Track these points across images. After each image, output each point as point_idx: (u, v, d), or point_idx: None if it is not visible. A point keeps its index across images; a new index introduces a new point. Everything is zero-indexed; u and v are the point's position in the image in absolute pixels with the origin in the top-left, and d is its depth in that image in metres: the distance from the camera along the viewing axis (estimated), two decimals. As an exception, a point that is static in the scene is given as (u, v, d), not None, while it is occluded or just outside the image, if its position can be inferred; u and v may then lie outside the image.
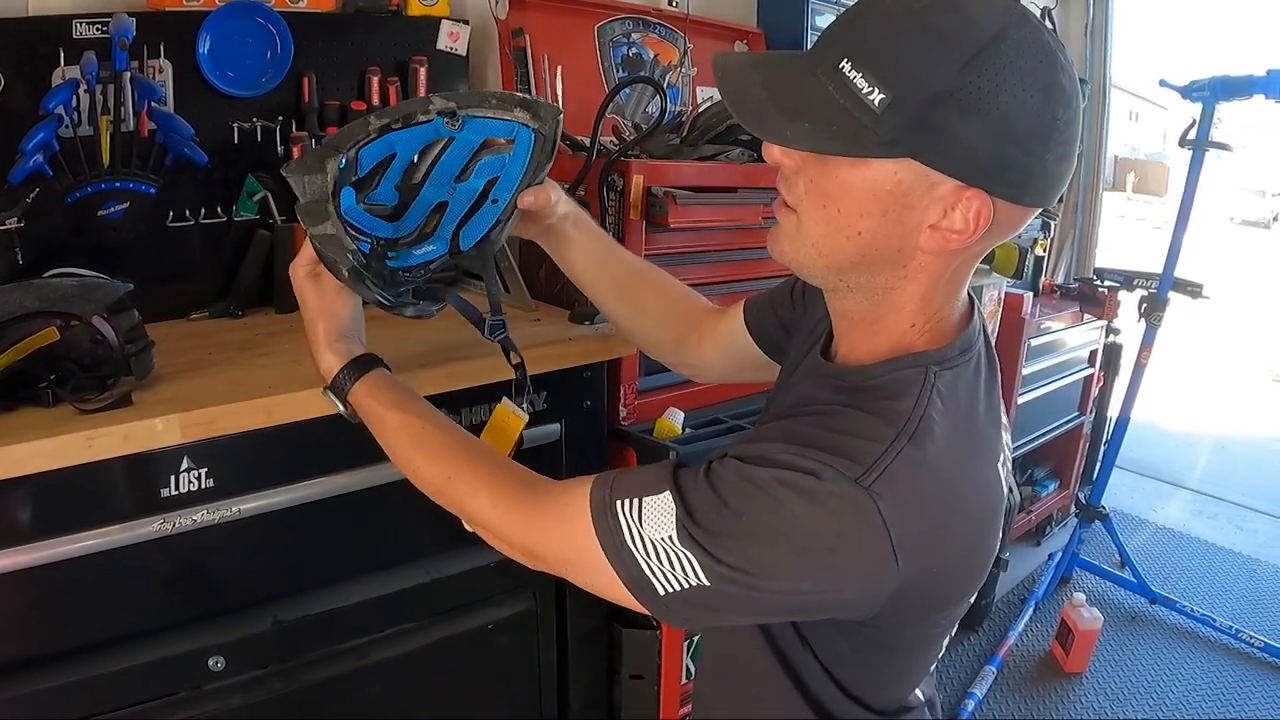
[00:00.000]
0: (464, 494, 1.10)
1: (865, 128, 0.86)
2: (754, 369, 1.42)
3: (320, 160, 1.24)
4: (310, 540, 1.57)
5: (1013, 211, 0.91)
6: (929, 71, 0.84)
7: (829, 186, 0.93)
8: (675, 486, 0.93)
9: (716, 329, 1.44)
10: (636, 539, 0.93)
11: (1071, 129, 0.88)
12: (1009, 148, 0.85)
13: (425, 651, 1.72)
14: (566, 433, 1.80)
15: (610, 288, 1.48)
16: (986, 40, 0.83)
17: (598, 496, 0.97)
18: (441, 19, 2.23)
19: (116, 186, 1.77)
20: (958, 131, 0.84)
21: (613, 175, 1.91)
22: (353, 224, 1.26)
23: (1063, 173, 0.91)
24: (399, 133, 1.31)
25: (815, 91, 0.89)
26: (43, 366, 1.33)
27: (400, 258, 1.32)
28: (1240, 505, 5.14)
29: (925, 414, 0.92)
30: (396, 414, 1.19)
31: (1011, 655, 3.40)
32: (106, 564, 1.36)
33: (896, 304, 0.99)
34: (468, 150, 1.33)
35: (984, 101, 0.83)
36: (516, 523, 1.06)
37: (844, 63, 0.88)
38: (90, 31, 1.76)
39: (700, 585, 0.90)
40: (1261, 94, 3.22)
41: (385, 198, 1.32)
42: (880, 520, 0.85)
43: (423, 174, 1.33)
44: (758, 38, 2.94)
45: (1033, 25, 0.85)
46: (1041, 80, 0.85)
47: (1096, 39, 4.72)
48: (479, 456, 1.14)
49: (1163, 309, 3.49)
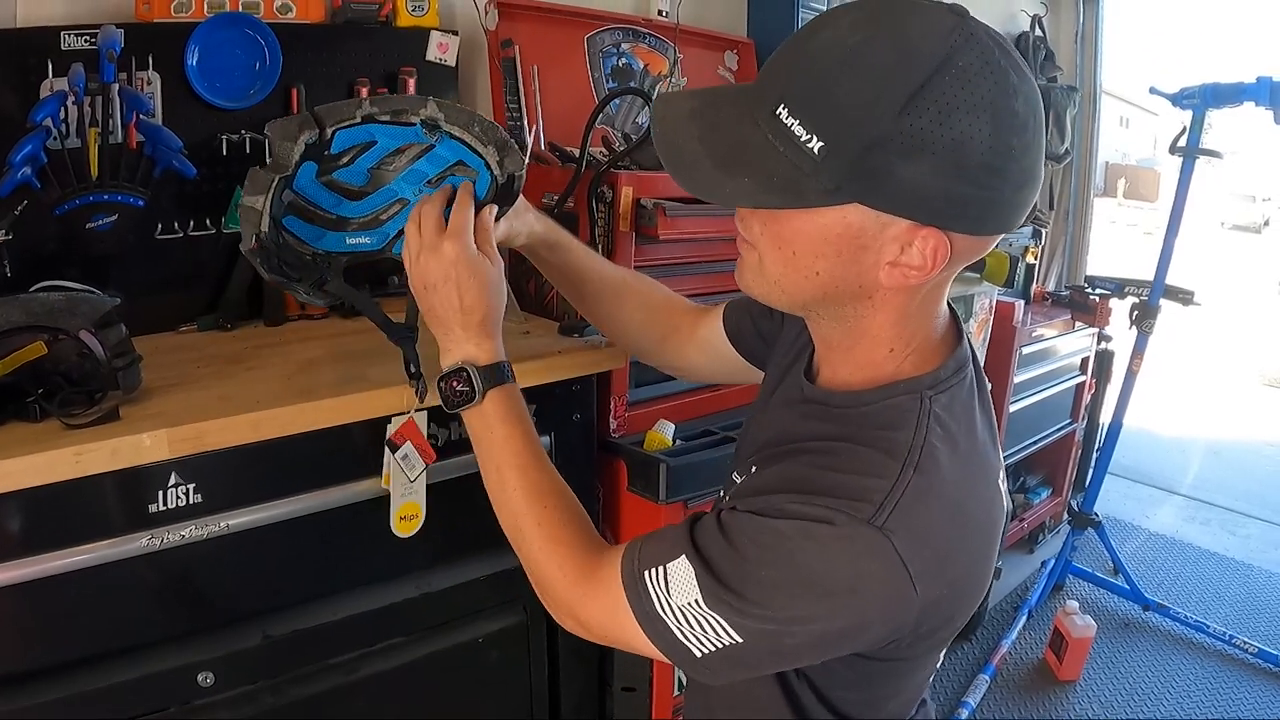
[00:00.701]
0: (541, 544, 1.11)
1: (806, 176, 0.84)
2: (737, 372, 1.43)
3: (299, 127, 1.30)
4: (299, 555, 1.56)
5: (974, 241, 0.90)
6: (866, 115, 0.81)
7: (781, 231, 0.92)
8: (694, 548, 0.94)
9: (697, 332, 1.45)
10: (666, 606, 0.94)
11: (1029, 156, 0.84)
12: (960, 184, 0.82)
13: (416, 666, 1.71)
14: (556, 445, 1.79)
15: (591, 298, 1.50)
16: (928, 73, 0.79)
17: (627, 568, 0.98)
18: (431, 30, 2.22)
19: (105, 199, 1.76)
20: (902, 174, 0.82)
21: (602, 187, 1.91)
22: (304, 197, 1.35)
23: (1024, 200, 0.88)
24: (381, 126, 1.35)
25: (754, 140, 0.87)
26: (30, 380, 1.32)
27: (330, 240, 1.38)
28: (1233, 510, 5.15)
29: (926, 442, 0.92)
30: (515, 440, 1.18)
31: (1005, 664, 3.40)
32: (95, 580, 1.35)
33: (869, 330, 0.98)
34: (442, 163, 1.37)
35: (928, 140, 0.80)
36: (571, 589, 1.06)
37: (780, 108, 0.85)
38: (78, 43, 1.75)
39: (735, 643, 0.91)
40: (1251, 101, 3.24)
41: (356, 178, 1.38)
42: (897, 556, 0.86)
43: (398, 166, 1.37)
44: (748, 47, 2.94)
45: (980, 45, 0.81)
46: (991, 109, 0.80)
47: (1087, 46, 4.74)
48: (565, 509, 1.14)
49: (1154, 316, 3.51)
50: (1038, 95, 0.85)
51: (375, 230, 1.39)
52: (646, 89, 2.51)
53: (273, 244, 1.31)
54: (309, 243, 1.38)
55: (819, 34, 0.86)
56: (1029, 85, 0.84)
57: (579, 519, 1.14)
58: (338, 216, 1.39)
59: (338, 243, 1.38)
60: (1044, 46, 4.41)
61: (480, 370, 1.19)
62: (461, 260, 1.20)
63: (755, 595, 0.89)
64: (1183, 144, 3.42)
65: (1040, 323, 3.76)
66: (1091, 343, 4.11)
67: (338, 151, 1.35)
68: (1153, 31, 38.81)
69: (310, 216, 1.38)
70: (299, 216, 1.37)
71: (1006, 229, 0.90)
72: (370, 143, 1.36)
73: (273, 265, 1.30)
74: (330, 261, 1.38)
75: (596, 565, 1.04)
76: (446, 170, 1.37)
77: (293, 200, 1.36)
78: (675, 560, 0.94)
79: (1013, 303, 3.48)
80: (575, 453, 1.86)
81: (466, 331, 1.21)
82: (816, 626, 0.90)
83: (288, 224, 1.36)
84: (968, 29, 0.81)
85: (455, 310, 1.21)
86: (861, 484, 0.89)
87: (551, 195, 1.97)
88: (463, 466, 1.53)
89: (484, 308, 1.21)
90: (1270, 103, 3.18)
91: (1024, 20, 4.38)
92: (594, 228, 1.91)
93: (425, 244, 1.21)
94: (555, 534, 1.10)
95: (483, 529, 1.26)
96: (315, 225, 1.38)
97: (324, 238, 1.38)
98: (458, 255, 1.20)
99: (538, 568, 1.10)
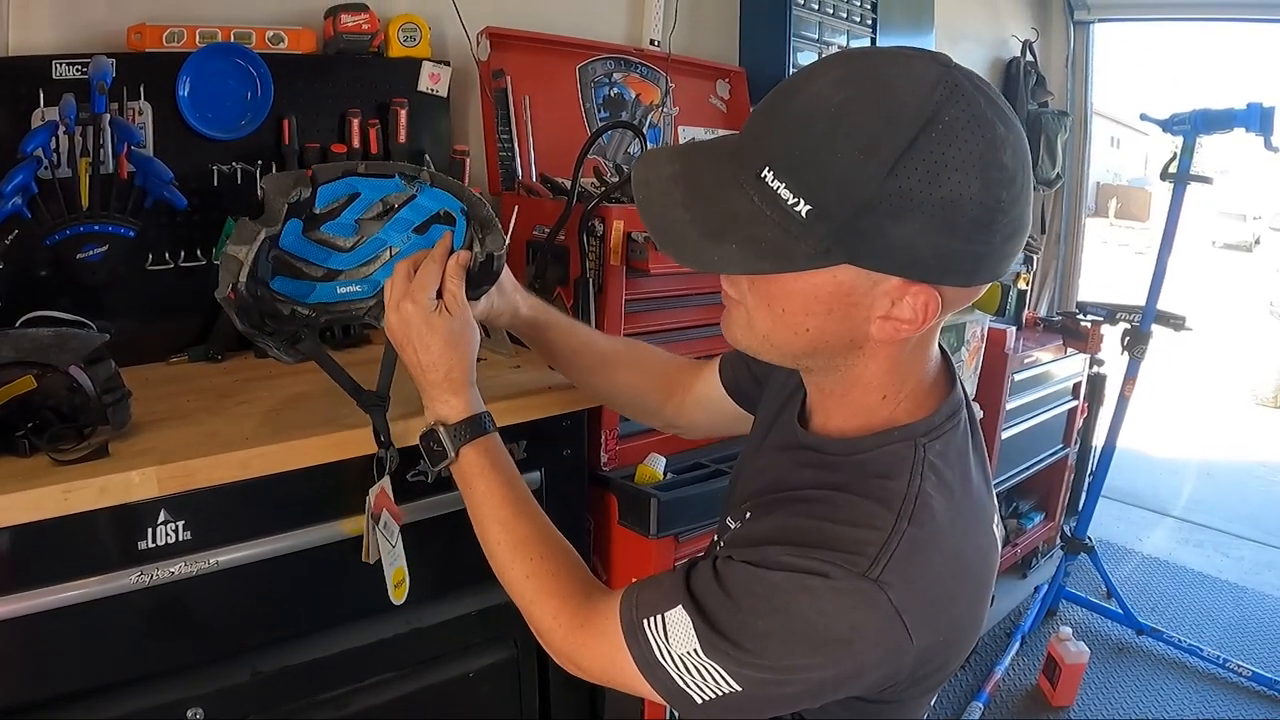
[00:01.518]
0: (532, 596, 1.11)
1: (795, 239, 0.84)
2: (738, 423, 1.42)
3: (294, 183, 1.32)
4: (289, 591, 1.55)
5: (964, 292, 0.90)
6: (854, 179, 0.80)
7: (770, 290, 0.92)
8: (690, 598, 0.94)
9: (695, 388, 1.45)
10: (666, 655, 0.94)
11: (1018, 206, 0.84)
12: (951, 241, 0.81)
13: (406, 701, 1.70)
14: (547, 480, 1.78)
15: (584, 371, 1.52)
16: (915, 132, 0.78)
17: (626, 616, 0.99)
18: (423, 60, 2.23)
19: (95, 229, 1.76)
20: (893, 234, 0.81)
21: (592, 221, 1.91)
22: (291, 254, 1.36)
23: (1013, 249, 0.87)
24: (362, 179, 1.37)
25: (740, 205, 0.86)
26: (19, 416, 1.31)
27: (320, 292, 1.40)
28: (1226, 532, 5.15)
29: (921, 490, 0.92)
30: (494, 495, 1.20)
31: (998, 690, 3.39)
32: (84, 616, 1.34)
33: (862, 379, 0.98)
34: (425, 212, 1.38)
35: (917, 200, 0.79)
36: (568, 637, 1.07)
37: (766, 171, 0.84)
38: (70, 72, 1.76)
39: (734, 691, 0.91)
40: (1242, 127, 3.25)
41: (344, 230, 1.39)
42: (892, 608, 0.86)
43: (385, 214, 1.39)
44: (739, 76, 2.95)
45: (965, 97, 0.80)
46: (980, 164, 0.79)
47: (1077, 70, 4.78)
48: (553, 558, 1.15)
49: (1145, 342, 3.51)
50: (1024, 143, 0.84)
51: (365, 279, 1.40)
52: (638, 119, 2.52)
53: (250, 295, 1.32)
54: (298, 299, 1.39)
55: (802, 92, 0.85)
56: (1016, 134, 0.83)
57: (570, 566, 1.14)
58: (328, 270, 1.40)
59: (329, 293, 1.40)
60: (1035, 71, 4.44)
61: (450, 429, 1.22)
62: (414, 321, 1.23)
63: (752, 645, 0.90)
64: (1174, 170, 3.43)
65: (1032, 349, 3.77)
66: (1083, 367, 4.13)
67: (322, 207, 1.36)
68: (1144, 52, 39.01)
69: (298, 273, 1.39)
70: (287, 274, 1.38)
71: (997, 278, 0.90)
72: (354, 194, 1.37)
73: (250, 317, 1.32)
74: (308, 320, 1.39)
75: (592, 613, 1.05)
76: (430, 219, 1.38)
77: (280, 258, 1.37)
78: (673, 610, 0.94)
79: (1004, 329, 3.49)
80: (566, 487, 1.85)
81: (435, 389, 1.24)
82: (813, 675, 0.90)
83: (276, 286, 1.37)
84: (952, 80, 0.81)
85: (419, 368, 1.25)
86: (856, 536, 0.89)
87: (543, 228, 1.98)
88: (446, 504, 1.54)
89: (445, 364, 1.23)
90: (1260, 129, 3.19)
91: (1015, 46, 4.41)
92: (585, 261, 1.91)
93: (389, 305, 1.25)
94: (545, 585, 1.11)
95: (470, 564, 1.26)
96: (304, 281, 1.39)
97: (315, 291, 1.39)
98: (411, 315, 1.23)
99: (533, 620, 1.11)
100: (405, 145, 2.18)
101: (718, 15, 3.07)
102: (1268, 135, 3.20)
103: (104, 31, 1.88)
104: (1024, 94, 4.35)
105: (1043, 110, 4.33)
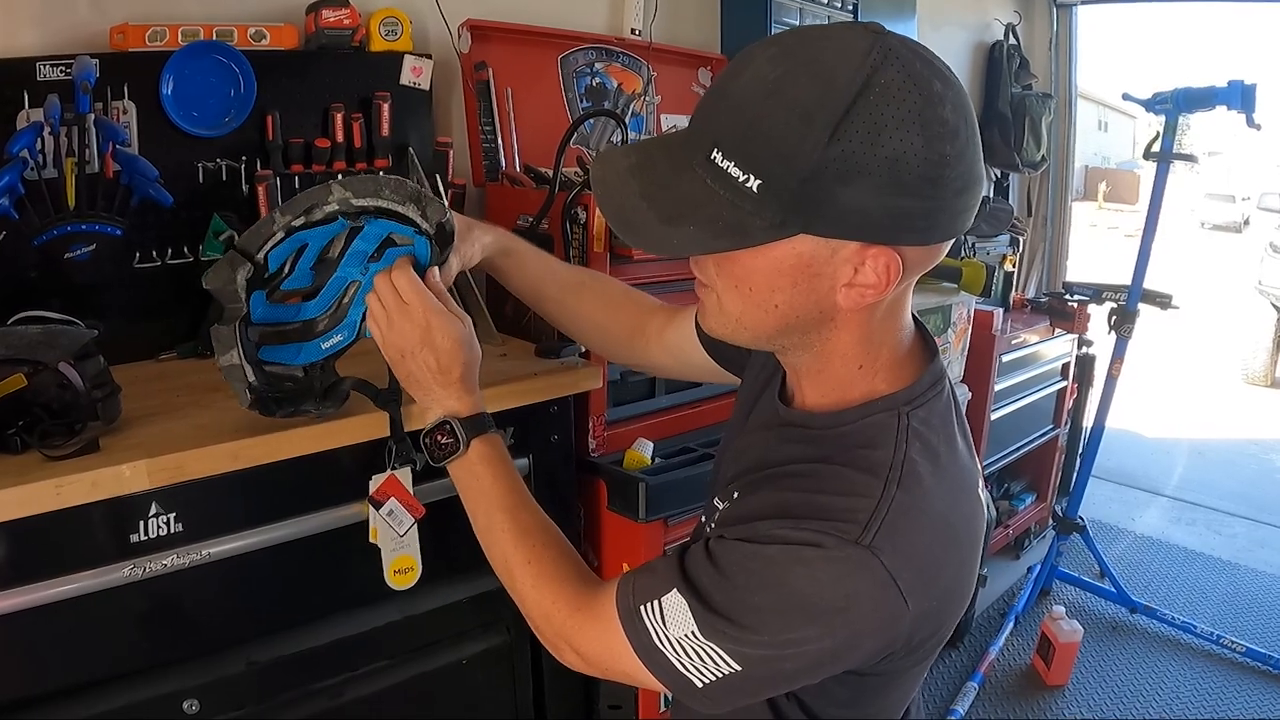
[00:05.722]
0: (533, 582, 1.12)
1: (749, 215, 0.85)
2: (706, 375, 1.43)
3: (232, 268, 1.32)
4: (282, 581, 1.56)
5: (924, 251, 0.91)
6: (797, 148, 0.81)
7: (735, 270, 0.94)
8: (685, 580, 0.95)
9: (665, 334, 1.45)
10: (664, 640, 0.95)
11: (965, 159, 0.84)
12: (901, 199, 0.83)
13: (401, 688, 1.72)
14: (535, 466, 1.80)
15: (551, 300, 1.52)
16: (850, 99, 0.80)
17: (622, 603, 0.99)
18: (404, 54, 2.23)
19: (83, 229, 1.76)
20: (843, 198, 0.82)
21: (576, 209, 1.92)
22: (266, 324, 1.37)
23: (968, 204, 0.88)
24: (306, 232, 1.36)
25: (694, 187, 0.88)
26: (11, 413, 1.32)
27: (307, 352, 1.41)
28: (1218, 510, 5.18)
29: (907, 457, 0.93)
30: (500, 485, 1.21)
31: (993, 670, 3.41)
32: (77, 610, 1.36)
33: (837, 351, 0.99)
34: (375, 239, 1.36)
35: (861, 162, 0.80)
36: (567, 622, 1.07)
37: (715, 152, 0.86)
38: (54, 73, 1.76)
39: (734, 671, 0.92)
40: (1224, 105, 3.26)
41: (302, 280, 1.39)
42: (886, 572, 0.87)
43: (337, 254, 1.37)
44: (721, 64, 2.94)
45: (898, 61, 0.82)
46: (919, 120, 0.81)
47: (1061, 52, 4.78)
48: (553, 546, 1.16)
49: (1132, 321, 3.53)
50: (965, 98, 0.85)
51: (344, 324, 1.39)
52: (620, 107, 2.52)
53: (265, 386, 1.35)
54: (291, 363, 1.40)
55: (742, 74, 0.87)
56: (955, 90, 0.84)
57: (568, 556, 1.15)
58: (303, 322, 1.40)
59: (315, 352, 1.40)
60: (1018, 55, 4.44)
61: (463, 422, 1.23)
62: (431, 319, 1.23)
63: (750, 622, 0.91)
64: (1157, 149, 3.45)
65: (1020, 330, 3.79)
66: (1072, 348, 4.15)
67: (274, 269, 1.36)
68: (1129, 35, 39.01)
69: (281, 337, 1.40)
70: (271, 342, 1.39)
71: (956, 234, 0.91)
72: (302, 246, 1.36)
73: (279, 406, 1.38)
74: (321, 369, 1.42)
75: (590, 600, 1.06)
76: (382, 246, 1.37)
77: (259, 331, 1.38)
78: (669, 594, 0.95)
79: (992, 311, 3.51)
80: (555, 473, 1.87)
81: (446, 389, 1.24)
82: (812, 647, 0.91)
83: (266, 356, 1.38)
84: (885, 45, 0.82)
85: (433, 371, 1.24)
86: (846, 504, 0.90)
87: (526, 217, 1.99)
88: (440, 491, 1.54)
89: (460, 364, 1.24)
90: (1242, 106, 3.21)
91: (998, 29, 4.41)
92: (568, 248, 1.92)
93: (391, 313, 1.24)
94: (546, 571, 1.12)
95: (464, 552, 1.27)
96: (290, 343, 1.40)
97: (302, 351, 1.40)
98: (425, 314, 1.23)
99: (532, 605, 1.12)
100: (388, 139, 2.19)
101: (699, 3, 3.07)
102: (1249, 112, 3.21)
103: (87, 32, 1.88)
104: (1008, 77, 4.35)
105: (1027, 93, 4.34)
